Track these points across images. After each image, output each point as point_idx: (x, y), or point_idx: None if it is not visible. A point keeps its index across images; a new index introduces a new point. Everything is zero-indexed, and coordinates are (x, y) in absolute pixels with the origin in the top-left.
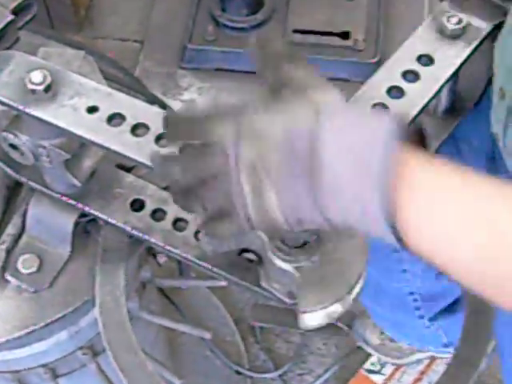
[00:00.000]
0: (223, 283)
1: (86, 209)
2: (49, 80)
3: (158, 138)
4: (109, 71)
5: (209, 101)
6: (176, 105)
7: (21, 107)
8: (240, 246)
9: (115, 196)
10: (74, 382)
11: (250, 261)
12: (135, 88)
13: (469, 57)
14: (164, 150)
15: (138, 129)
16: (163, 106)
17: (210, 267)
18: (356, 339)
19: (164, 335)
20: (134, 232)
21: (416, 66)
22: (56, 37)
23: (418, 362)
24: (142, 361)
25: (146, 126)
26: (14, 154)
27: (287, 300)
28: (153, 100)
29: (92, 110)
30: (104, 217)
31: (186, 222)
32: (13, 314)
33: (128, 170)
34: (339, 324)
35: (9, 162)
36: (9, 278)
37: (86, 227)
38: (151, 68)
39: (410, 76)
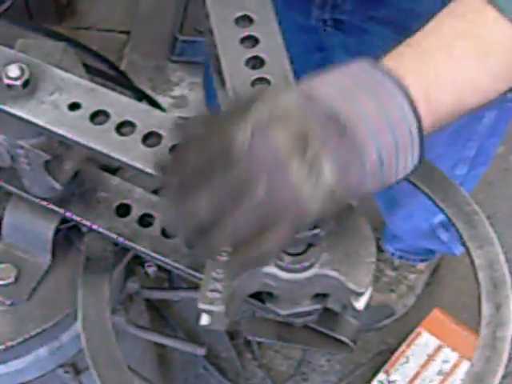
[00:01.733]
0: None
1: (68, 214)
2: (27, 74)
3: (146, 137)
4: (92, 64)
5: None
6: (166, 101)
7: None
8: None
9: (99, 200)
10: None
11: None
12: (121, 82)
13: None
14: (151, 150)
15: (123, 127)
16: (152, 102)
17: (202, 277)
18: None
19: (153, 351)
20: (120, 239)
21: None
22: (34, 27)
23: None
24: (129, 379)
25: (132, 124)
26: None
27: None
28: (140, 96)
29: (74, 106)
30: (87, 223)
31: None
32: None
33: (113, 171)
34: (343, 339)
35: None
36: None
37: (67, 234)
38: (138, 61)
39: None
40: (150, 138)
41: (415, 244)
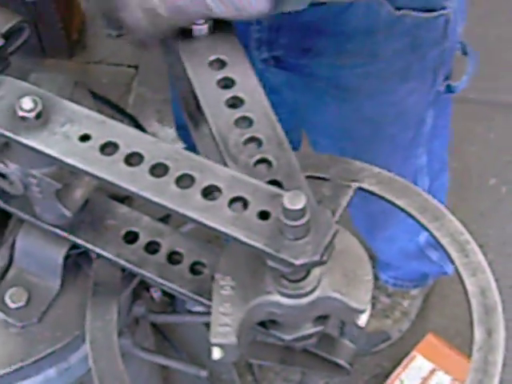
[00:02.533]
0: None
1: (77, 241)
2: (40, 106)
3: (153, 168)
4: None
5: None
6: (172, 133)
7: (10, 135)
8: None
9: (108, 228)
10: None
11: None
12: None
13: None
14: (158, 180)
15: (131, 158)
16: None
17: (206, 302)
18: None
19: (158, 373)
20: (127, 265)
21: None
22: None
23: None
24: None
25: (140, 155)
26: (3, 183)
27: (286, 337)
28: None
29: (84, 138)
30: (96, 249)
31: (180, 255)
32: None
33: (121, 200)
34: (341, 362)
35: None
36: None
37: (76, 260)
38: (146, 94)
39: None
40: (157, 169)
41: (407, 268)
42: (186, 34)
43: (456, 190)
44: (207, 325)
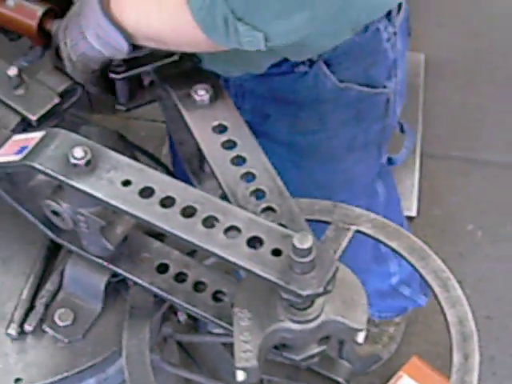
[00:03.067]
0: None
1: (117, 270)
2: (89, 155)
3: (184, 210)
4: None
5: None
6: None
7: (63, 179)
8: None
9: (143, 259)
10: None
11: None
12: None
13: None
14: (187, 221)
15: (165, 201)
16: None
17: (225, 325)
18: None
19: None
20: (159, 292)
21: None
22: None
23: None
24: None
25: (172, 199)
26: (56, 220)
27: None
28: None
29: (126, 183)
30: (133, 277)
31: (204, 284)
32: (48, 362)
33: (155, 236)
34: (339, 379)
35: (50, 226)
36: (46, 329)
37: (116, 286)
38: None
39: None
40: (187, 211)
41: (384, 305)
42: (190, 103)
43: (439, 234)
44: (225, 344)
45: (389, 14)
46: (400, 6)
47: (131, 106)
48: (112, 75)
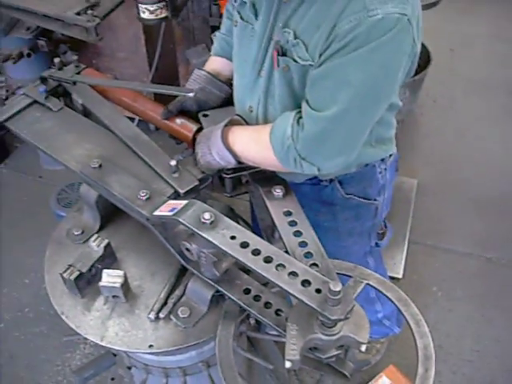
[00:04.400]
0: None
1: (219, 288)
2: (213, 218)
3: (266, 258)
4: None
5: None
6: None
7: (196, 230)
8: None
9: (236, 284)
10: (194, 381)
11: None
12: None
13: None
14: (267, 265)
15: (255, 251)
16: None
17: (280, 330)
18: None
19: (247, 362)
20: (243, 305)
21: None
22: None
23: None
24: (235, 375)
25: (259, 251)
26: (187, 253)
27: (322, 356)
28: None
29: (233, 237)
30: (228, 294)
31: (271, 304)
32: (170, 337)
33: (245, 271)
34: (345, 372)
35: (183, 256)
36: (172, 317)
37: (217, 298)
38: None
39: None
40: (268, 259)
41: (373, 330)
42: (270, 196)
43: (414, 291)
44: (276, 342)
45: (383, 159)
46: (391, 154)
47: (233, 195)
48: (224, 175)
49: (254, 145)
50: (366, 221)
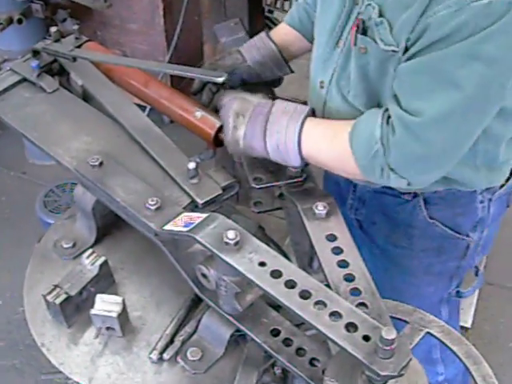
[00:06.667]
0: None
1: (241, 327)
2: (238, 238)
3: (302, 292)
4: None
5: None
6: None
7: (216, 252)
8: None
9: (262, 323)
10: None
11: None
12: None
13: None
14: (303, 301)
15: (289, 283)
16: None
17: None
18: None
19: None
20: (269, 350)
21: None
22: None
23: None
24: None
25: (294, 282)
26: (203, 280)
27: None
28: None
29: (262, 264)
30: (251, 335)
31: (305, 351)
32: None
33: (274, 307)
34: None
35: (197, 284)
36: (179, 360)
37: (237, 339)
38: None
39: None
40: (304, 293)
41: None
42: (310, 215)
43: (486, 344)
44: None
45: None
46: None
47: (262, 210)
48: (253, 185)
49: (327, 145)
50: (450, 259)
